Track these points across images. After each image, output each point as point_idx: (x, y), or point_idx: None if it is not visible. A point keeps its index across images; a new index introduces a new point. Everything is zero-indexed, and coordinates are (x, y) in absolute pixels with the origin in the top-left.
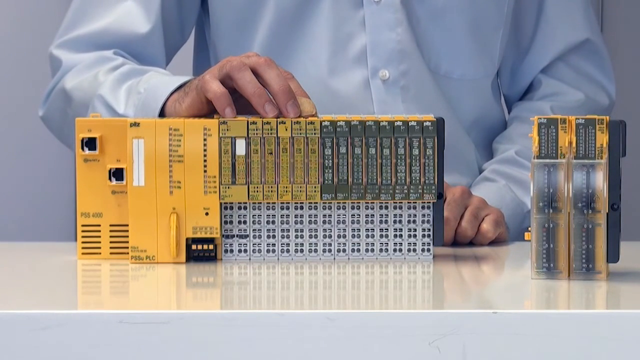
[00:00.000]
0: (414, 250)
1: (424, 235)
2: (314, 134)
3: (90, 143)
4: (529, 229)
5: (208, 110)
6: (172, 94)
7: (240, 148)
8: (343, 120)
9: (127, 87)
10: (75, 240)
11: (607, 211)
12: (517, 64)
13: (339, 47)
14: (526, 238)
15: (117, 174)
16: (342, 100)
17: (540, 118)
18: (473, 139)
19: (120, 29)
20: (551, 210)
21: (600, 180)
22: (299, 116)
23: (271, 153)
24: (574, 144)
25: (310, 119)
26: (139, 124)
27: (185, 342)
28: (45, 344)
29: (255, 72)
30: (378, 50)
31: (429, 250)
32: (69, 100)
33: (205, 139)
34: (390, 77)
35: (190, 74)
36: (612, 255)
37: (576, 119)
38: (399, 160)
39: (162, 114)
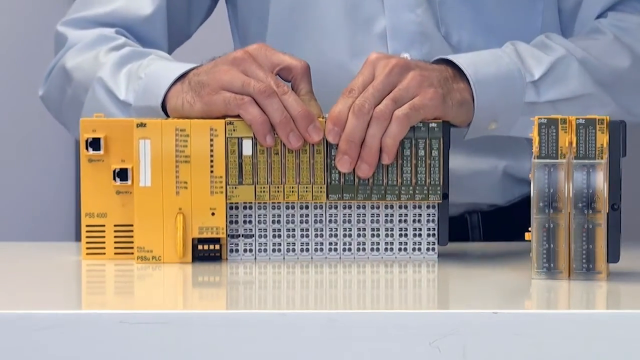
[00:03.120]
0: (419, 249)
1: (428, 235)
2: None
3: (94, 143)
4: (529, 229)
5: (220, 117)
6: (175, 81)
7: (247, 148)
8: None
9: (127, 71)
10: (78, 240)
11: (607, 211)
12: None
13: (358, 30)
14: (526, 238)
15: (122, 174)
16: None
17: (541, 118)
18: None
19: (126, 12)
20: (551, 211)
21: (600, 181)
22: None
23: (277, 153)
24: (574, 144)
25: None
26: (145, 124)
27: (191, 342)
28: (47, 344)
29: None
30: (398, 33)
31: (433, 249)
32: (69, 79)
33: (212, 140)
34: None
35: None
36: (613, 255)
37: (576, 119)
38: (404, 161)
39: (164, 100)
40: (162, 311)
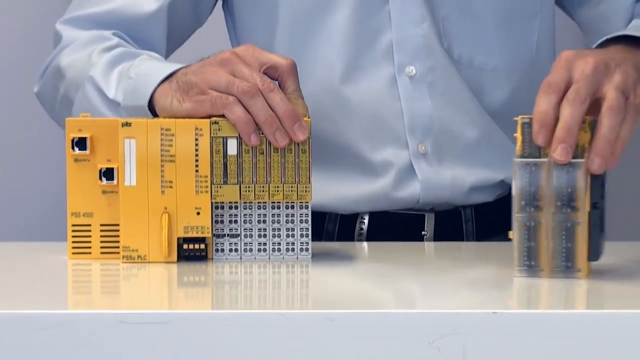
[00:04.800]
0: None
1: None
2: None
3: (80, 143)
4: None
5: (207, 117)
6: (162, 81)
7: (232, 148)
8: None
9: (119, 71)
10: (65, 240)
11: (588, 210)
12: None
13: (364, 43)
14: (509, 236)
15: (108, 173)
16: (369, 97)
17: (524, 118)
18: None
19: (125, 11)
20: (533, 209)
21: (581, 179)
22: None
23: (262, 153)
24: None
25: None
26: (130, 124)
27: (177, 341)
28: (41, 344)
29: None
30: (404, 46)
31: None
32: (61, 77)
33: (197, 139)
34: (417, 73)
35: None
36: (594, 253)
37: None
38: None
39: (151, 100)
40: (159, 311)
